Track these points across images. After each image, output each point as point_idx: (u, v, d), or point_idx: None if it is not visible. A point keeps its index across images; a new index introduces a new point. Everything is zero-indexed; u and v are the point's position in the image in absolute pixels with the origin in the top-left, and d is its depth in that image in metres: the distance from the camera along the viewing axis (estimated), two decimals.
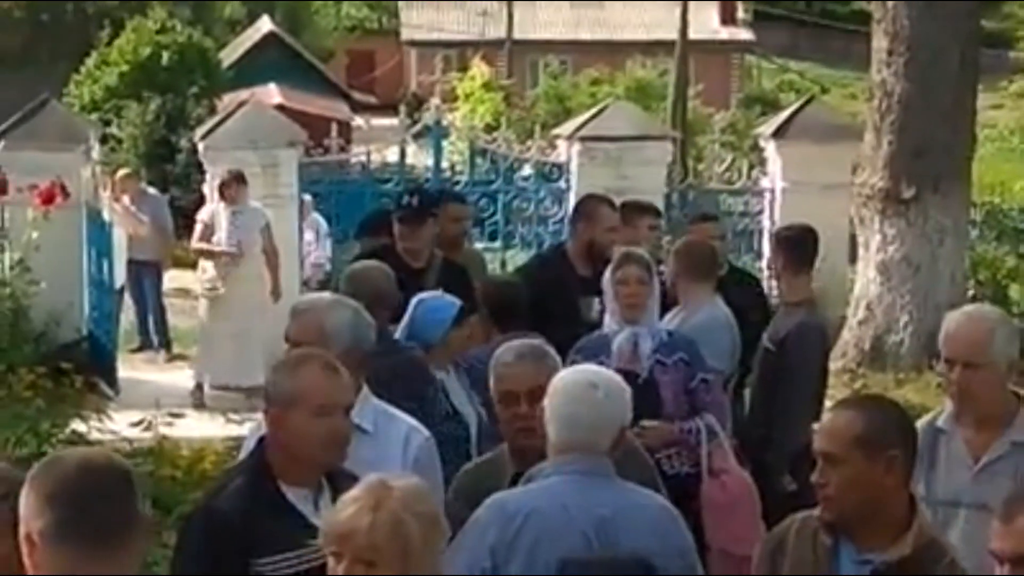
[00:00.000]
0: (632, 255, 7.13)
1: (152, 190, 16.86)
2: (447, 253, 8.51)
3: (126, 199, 15.97)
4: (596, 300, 7.65)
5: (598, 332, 7.11)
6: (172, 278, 17.04)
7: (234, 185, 12.94)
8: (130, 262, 15.53)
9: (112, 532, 3.19)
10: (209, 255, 13.13)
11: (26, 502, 3.21)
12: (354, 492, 3.74)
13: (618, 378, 4.76)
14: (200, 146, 14.21)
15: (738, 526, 6.44)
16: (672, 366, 6.82)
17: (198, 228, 13.27)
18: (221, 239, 13.00)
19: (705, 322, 7.58)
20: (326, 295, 5.88)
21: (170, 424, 10.07)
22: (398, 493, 3.67)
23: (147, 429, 9.99)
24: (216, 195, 13.21)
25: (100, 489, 3.20)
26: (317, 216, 15.73)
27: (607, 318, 7.13)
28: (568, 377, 4.70)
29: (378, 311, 6.05)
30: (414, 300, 6.76)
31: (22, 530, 3.20)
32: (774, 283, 9.50)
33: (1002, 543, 3.89)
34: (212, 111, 24.86)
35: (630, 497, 4.62)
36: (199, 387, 12.95)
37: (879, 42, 14.45)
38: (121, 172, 16.94)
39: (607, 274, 7.13)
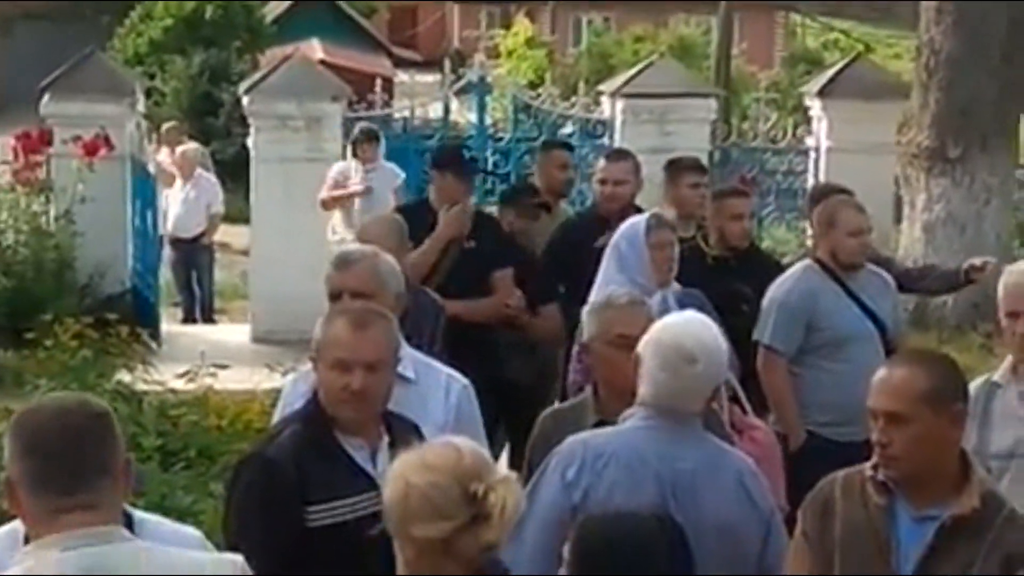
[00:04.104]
0: (663, 219, 7.11)
1: (208, 174, 16.71)
2: None
3: (164, 153, 16.04)
4: None
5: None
6: (219, 232, 17.11)
7: (367, 143, 12.91)
8: (177, 240, 15.61)
9: (82, 480, 3.25)
10: (339, 200, 13.08)
11: (8, 449, 3.30)
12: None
13: (718, 338, 4.70)
14: (244, 100, 14.22)
15: (770, 479, 6.46)
16: None
17: (328, 182, 13.20)
18: (353, 199, 13.02)
19: None
20: (363, 246, 5.89)
21: (213, 375, 10.11)
22: (408, 455, 3.66)
23: (191, 380, 10.04)
24: (349, 153, 13.18)
25: (73, 436, 3.26)
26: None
27: (616, 278, 6.92)
28: (668, 341, 4.63)
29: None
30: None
31: (4, 475, 3.30)
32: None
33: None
34: (255, 66, 24.88)
35: (713, 454, 4.60)
36: None
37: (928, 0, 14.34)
38: (166, 125, 17.01)
39: (628, 235, 7.05)
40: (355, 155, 13.06)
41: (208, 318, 15.82)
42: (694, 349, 4.59)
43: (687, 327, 4.75)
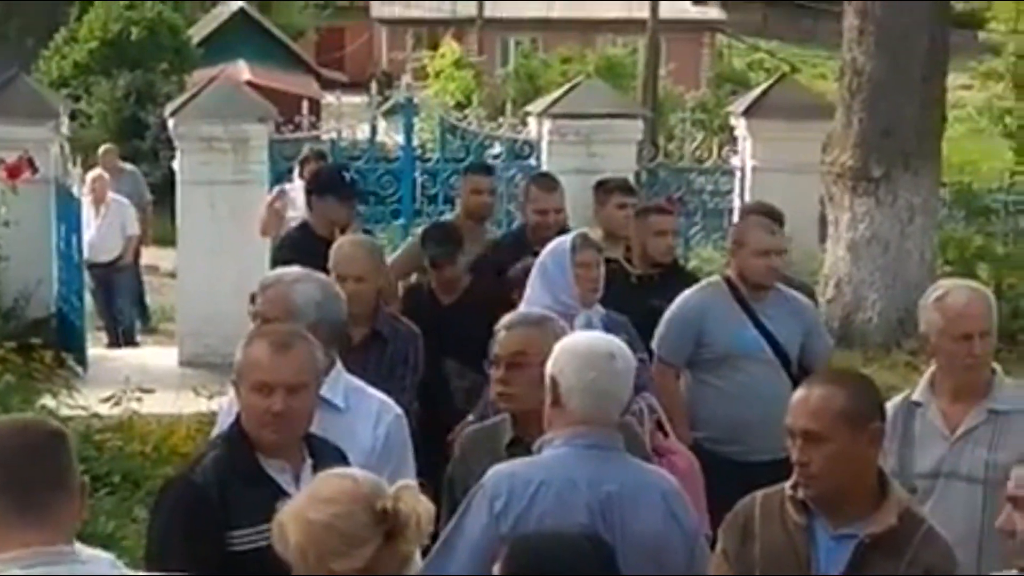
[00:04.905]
0: (589, 238, 7.11)
1: (129, 166, 16.87)
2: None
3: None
4: None
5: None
6: (147, 255, 17.07)
7: (314, 163, 12.82)
8: (94, 265, 15.53)
9: (38, 492, 3.36)
10: (273, 221, 12.73)
11: None
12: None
13: (623, 344, 4.75)
14: (170, 122, 14.16)
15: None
16: None
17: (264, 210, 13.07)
18: (295, 218, 12.82)
19: None
20: (294, 268, 5.89)
21: (139, 400, 10.05)
22: (300, 498, 3.65)
23: (116, 404, 9.98)
24: (296, 172, 13.08)
25: (29, 452, 3.39)
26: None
27: (542, 298, 6.77)
28: (583, 347, 4.66)
29: None
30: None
31: None
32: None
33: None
34: (181, 88, 24.79)
35: (638, 475, 4.61)
36: None
37: (850, 21, 14.47)
38: (103, 147, 17.07)
39: (554, 253, 6.96)
40: (301, 175, 12.95)
41: (129, 341, 15.70)
42: (610, 348, 4.65)
43: (591, 335, 4.83)
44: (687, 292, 7.50)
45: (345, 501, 3.55)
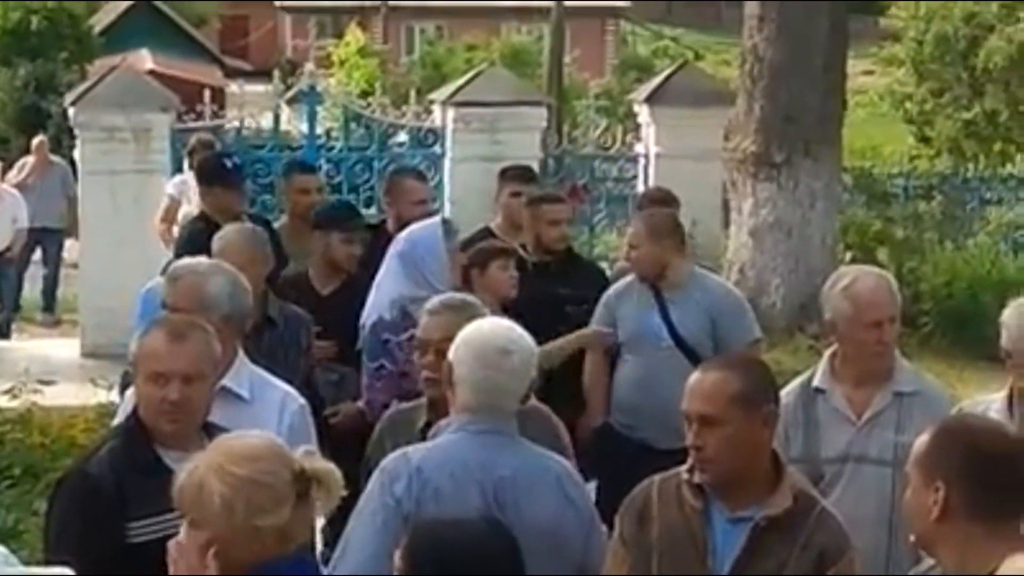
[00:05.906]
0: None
1: (58, 159, 16.83)
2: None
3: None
4: None
5: None
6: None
7: (201, 153, 12.66)
8: (31, 229, 15.53)
9: None
10: (169, 231, 12.51)
11: None
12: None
13: (523, 333, 4.73)
14: (70, 111, 14.02)
15: None
16: None
17: (164, 201, 12.87)
18: (191, 211, 12.62)
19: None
20: (203, 259, 5.84)
21: (38, 391, 9.96)
22: (215, 455, 3.62)
23: (16, 397, 9.89)
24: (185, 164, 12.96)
25: None
26: None
27: (402, 286, 6.82)
28: (479, 340, 4.64)
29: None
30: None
31: None
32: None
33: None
34: (83, 77, 24.56)
35: (531, 459, 4.62)
36: None
37: (751, 8, 14.58)
38: (36, 139, 17.15)
39: (425, 242, 6.91)
40: (191, 166, 12.82)
41: (3, 333, 15.55)
42: (507, 343, 4.63)
43: (493, 325, 4.80)
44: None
45: (268, 458, 3.57)
